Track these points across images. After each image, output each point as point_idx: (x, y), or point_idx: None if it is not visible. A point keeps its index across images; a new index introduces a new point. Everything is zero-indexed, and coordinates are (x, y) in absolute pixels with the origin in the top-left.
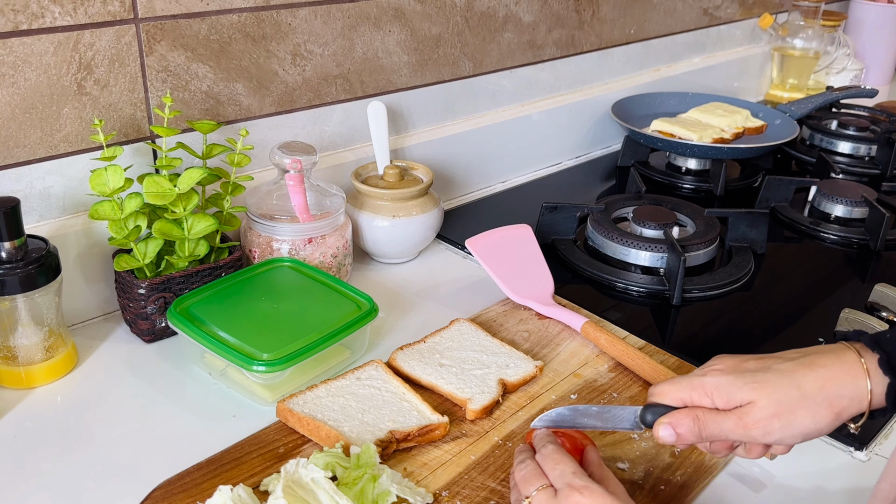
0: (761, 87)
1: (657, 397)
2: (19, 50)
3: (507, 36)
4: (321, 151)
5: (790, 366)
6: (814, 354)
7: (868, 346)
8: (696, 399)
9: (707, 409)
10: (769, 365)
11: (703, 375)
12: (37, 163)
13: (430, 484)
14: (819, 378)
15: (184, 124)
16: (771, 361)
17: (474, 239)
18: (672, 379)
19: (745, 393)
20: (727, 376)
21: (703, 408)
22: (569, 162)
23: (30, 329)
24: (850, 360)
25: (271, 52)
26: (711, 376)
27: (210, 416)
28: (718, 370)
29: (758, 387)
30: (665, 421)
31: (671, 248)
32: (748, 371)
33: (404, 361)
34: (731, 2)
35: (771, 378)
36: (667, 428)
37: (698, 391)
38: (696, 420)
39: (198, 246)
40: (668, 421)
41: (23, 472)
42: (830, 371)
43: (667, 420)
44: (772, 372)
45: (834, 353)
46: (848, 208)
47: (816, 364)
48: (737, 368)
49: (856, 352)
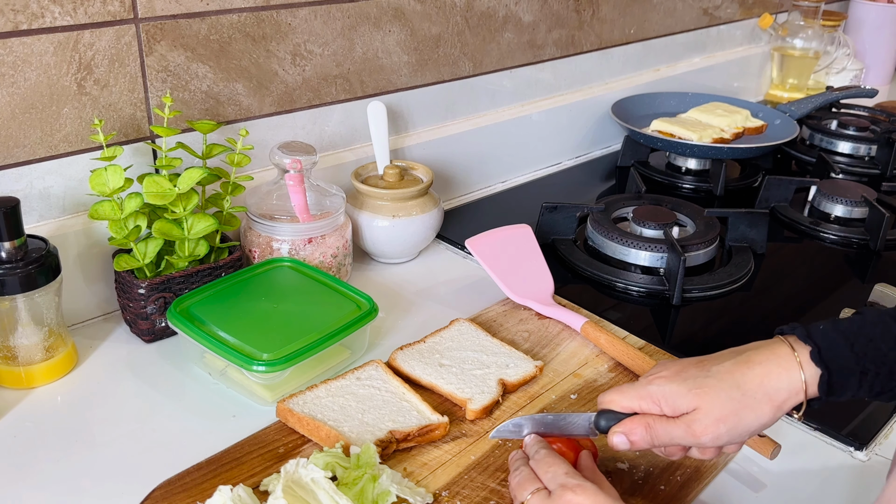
0: (761, 87)
1: (608, 405)
2: (19, 50)
3: (507, 36)
4: (321, 151)
5: (728, 366)
6: (749, 351)
7: (801, 338)
8: (645, 407)
9: (657, 416)
10: (708, 368)
11: (649, 384)
12: (37, 163)
13: (430, 484)
14: (756, 376)
15: (184, 124)
16: (710, 364)
17: (474, 239)
18: (619, 388)
19: (688, 400)
20: (671, 384)
21: (654, 415)
22: (569, 162)
23: (30, 329)
24: (783, 354)
25: (271, 52)
26: (656, 384)
27: (210, 416)
28: (663, 377)
29: (700, 393)
30: (618, 430)
31: (671, 248)
32: (690, 378)
33: (404, 361)
34: (731, 2)
35: (712, 383)
36: (620, 436)
37: (646, 400)
38: (648, 428)
39: (198, 246)
40: (621, 430)
41: (23, 472)
42: (766, 367)
43: (620, 429)
44: (712, 377)
45: (768, 349)
46: (848, 208)
47: (752, 361)
48: (679, 375)
49: (789, 345)
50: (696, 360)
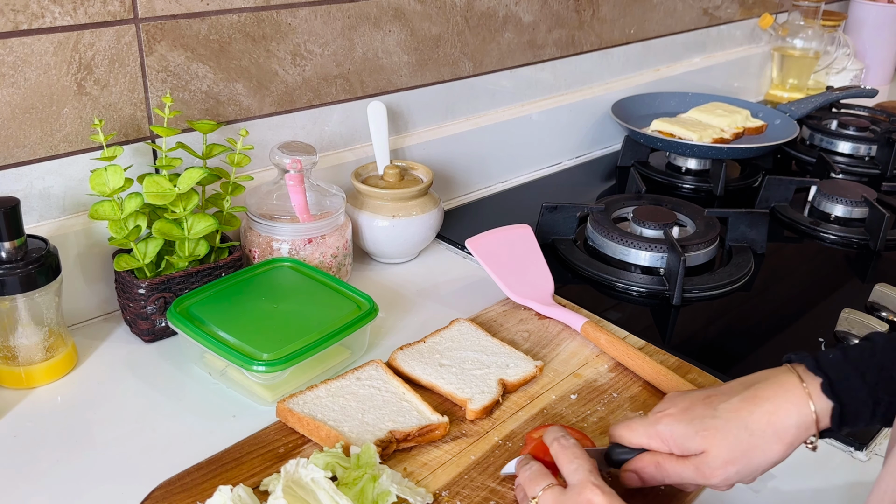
0: (761, 87)
1: (617, 440)
2: (19, 50)
3: (507, 36)
4: (321, 151)
5: (735, 403)
6: (756, 386)
7: (810, 368)
8: (654, 445)
9: (667, 455)
10: (716, 406)
11: (657, 423)
12: (37, 163)
13: (430, 484)
14: (764, 413)
15: (184, 124)
16: (717, 400)
17: (474, 239)
18: (629, 423)
19: (696, 442)
20: (679, 424)
21: (664, 454)
22: (569, 162)
23: (30, 329)
24: (791, 387)
25: (271, 52)
26: (664, 424)
27: (210, 416)
28: (671, 416)
29: (708, 435)
30: (629, 469)
31: (671, 248)
32: (697, 418)
33: (404, 361)
34: (731, 2)
35: (719, 424)
36: (631, 475)
37: (655, 439)
38: (658, 467)
39: (198, 246)
40: (632, 469)
41: (23, 472)
42: (774, 403)
43: (631, 468)
44: (719, 417)
45: (776, 382)
46: (848, 208)
47: (759, 397)
48: (687, 414)
49: (797, 376)
50: (704, 394)
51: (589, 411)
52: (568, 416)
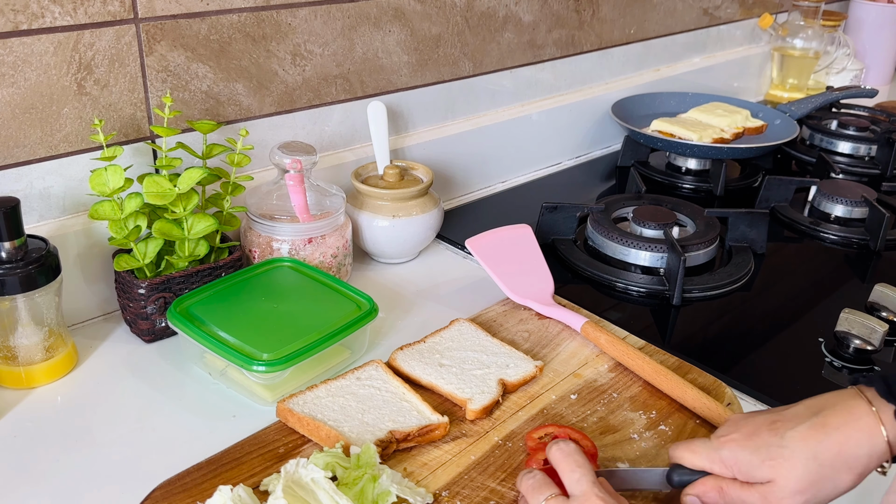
0: (761, 87)
1: (678, 461)
2: (19, 50)
3: (507, 36)
4: (321, 151)
5: (803, 431)
6: (825, 413)
7: (881, 394)
8: (717, 470)
9: (731, 481)
10: (782, 434)
11: (721, 448)
12: (37, 163)
13: (430, 484)
14: (834, 444)
15: (184, 124)
16: (783, 426)
17: (474, 239)
18: (691, 444)
19: (763, 472)
20: (743, 451)
21: (727, 479)
22: (569, 162)
23: (30, 329)
24: (861, 415)
25: (271, 52)
26: (728, 449)
27: (210, 416)
28: (734, 441)
29: (775, 465)
30: (691, 493)
31: (671, 248)
32: (763, 446)
33: (404, 361)
34: (731, 2)
35: (787, 454)
36: (693, 499)
37: (718, 465)
38: (722, 493)
39: (198, 246)
40: (694, 493)
41: (23, 472)
42: (843, 433)
43: (693, 492)
44: (786, 447)
45: (845, 409)
46: (848, 208)
47: (829, 425)
48: (752, 441)
49: (867, 401)
50: (768, 419)
51: (589, 411)
52: (568, 416)
